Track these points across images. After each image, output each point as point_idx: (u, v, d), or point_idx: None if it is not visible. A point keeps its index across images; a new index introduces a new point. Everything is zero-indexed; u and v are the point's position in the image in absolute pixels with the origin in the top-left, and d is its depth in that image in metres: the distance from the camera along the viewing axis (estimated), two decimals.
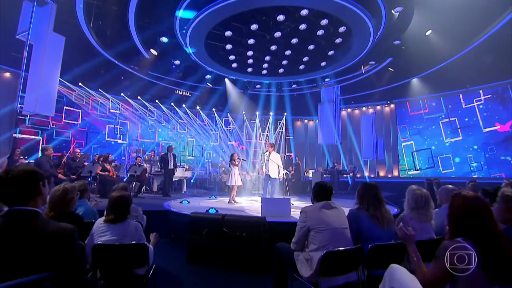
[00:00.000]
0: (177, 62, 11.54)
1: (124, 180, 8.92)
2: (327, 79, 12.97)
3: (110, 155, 8.32)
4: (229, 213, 5.55)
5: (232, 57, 10.95)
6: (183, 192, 10.66)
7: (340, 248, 2.39)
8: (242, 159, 7.72)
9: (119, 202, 2.53)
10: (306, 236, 2.58)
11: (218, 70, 12.32)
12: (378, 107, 15.13)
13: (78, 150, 7.40)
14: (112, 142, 13.43)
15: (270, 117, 17.03)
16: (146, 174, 9.31)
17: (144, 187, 9.94)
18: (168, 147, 9.29)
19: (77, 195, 3.32)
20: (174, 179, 10.50)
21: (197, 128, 15.87)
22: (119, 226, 2.48)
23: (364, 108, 15.70)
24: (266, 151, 7.83)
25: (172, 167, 9.15)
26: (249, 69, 12.02)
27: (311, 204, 2.81)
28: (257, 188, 11.78)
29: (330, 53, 10.39)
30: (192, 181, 13.79)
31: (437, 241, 2.73)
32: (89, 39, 9.20)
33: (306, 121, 18.13)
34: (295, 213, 5.38)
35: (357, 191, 2.89)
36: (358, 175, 13.42)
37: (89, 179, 8.43)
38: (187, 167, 10.65)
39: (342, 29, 8.86)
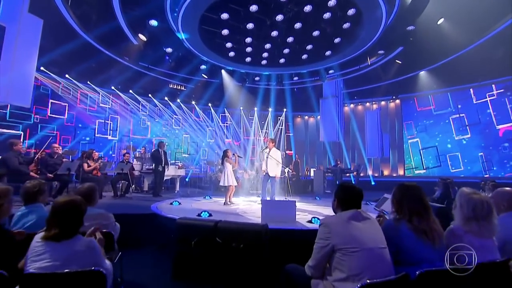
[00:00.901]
0: (169, 50, 10.71)
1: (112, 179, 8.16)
2: (331, 71, 12.24)
3: (94, 151, 7.56)
4: (224, 217, 4.85)
5: (229, 45, 10.14)
6: (175, 191, 9.97)
7: (379, 280, 1.68)
8: (239, 156, 7.00)
9: (66, 211, 1.80)
10: (328, 259, 1.86)
11: (213, 60, 11.52)
12: (383, 102, 14.49)
13: (57, 145, 6.63)
14: (102, 138, 12.62)
15: (269, 113, 16.35)
16: (134, 172, 8.54)
17: (133, 186, 9.21)
18: (159, 143, 8.58)
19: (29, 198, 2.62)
20: (166, 178, 9.82)
21: (192, 124, 15.12)
22: (64, 245, 1.74)
23: (368, 104, 15.07)
24: (266, 148, 7.13)
25: (163, 165, 8.41)
26: (248, 59, 11.25)
27: (333, 215, 2.08)
28: (255, 188, 11.09)
29: (336, 40, 9.65)
30: (186, 179, 13.12)
31: (503, 264, 2.02)
32: (69, 21, 8.35)
33: (306, 117, 17.53)
34: (301, 218, 4.68)
35: (393, 194, 2.18)
36: (362, 174, 12.77)
37: (74, 177, 7.73)
38: (180, 165, 9.91)
39: (351, 11, 8.08)
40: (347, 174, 12.55)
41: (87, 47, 9.61)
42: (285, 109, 16.50)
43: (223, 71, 12.55)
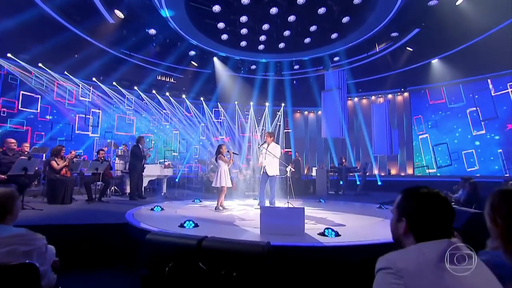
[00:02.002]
0: (152, 31, 9.67)
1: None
2: (336, 58, 11.36)
3: (63, 148, 6.58)
4: (213, 229, 3.98)
5: (221, 25, 9.15)
6: (162, 193, 9.04)
7: None
8: (234, 153, 6.10)
9: None
10: None
11: (204, 44, 10.51)
12: (390, 95, 13.72)
13: (13, 140, 5.65)
14: (82, 135, 11.61)
15: (266, 108, 15.48)
16: (116, 172, 7.60)
17: (111, 188, 8.29)
18: (139, 138, 7.70)
19: None
20: (151, 178, 8.94)
21: (182, 120, 14.18)
22: None
23: (373, 97, 14.32)
24: (264, 143, 6.25)
25: (143, 163, 7.52)
26: (243, 43, 10.30)
27: (404, 250, 1.13)
28: (251, 189, 10.24)
29: (345, 20, 8.71)
30: (176, 180, 12.27)
31: None
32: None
33: (306, 112, 16.83)
34: (309, 229, 3.79)
35: (491, 208, 1.27)
36: (368, 174, 11.95)
37: (42, 178, 6.80)
38: (167, 164, 8.97)
39: None
40: (351, 174, 11.77)
41: (53, 24, 8.54)
42: (283, 104, 15.65)
43: (215, 59, 11.59)
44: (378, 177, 12.66)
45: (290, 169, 5.95)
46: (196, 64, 11.59)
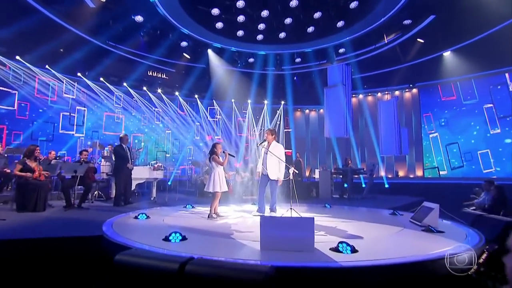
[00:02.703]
0: (139, 18, 9.07)
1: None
2: (341, 50, 10.82)
3: (36, 148, 6.00)
4: (203, 243, 3.44)
5: (215, 11, 8.59)
6: (152, 198, 8.46)
7: None
8: (230, 154, 5.55)
9: None
10: None
11: (197, 34, 9.92)
12: (397, 92, 13.25)
13: None
14: (65, 135, 11.02)
15: (265, 106, 14.97)
16: (102, 175, 7.03)
17: (95, 193, 7.70)
18: (122, 137, 7.15)
19: None
20: (139, 181, 8.42)
21: (175, 118, 13.64)
22: None
23: (379, 94, 13.88)
24: (264, 141, 5.71)
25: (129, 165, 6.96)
26: (240, 32, 9.74)
27: None
28: (249, 192, 9.72)
29: (353, 5, 8.18)
30: (169, 183, 11.73)
31: None
32: None
33: (307, 111, 16.46)
34: (318, 242, 3.24)
35: None
36: (374, 175, 11.45)
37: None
38: (156, 166, 8.40)
39: None
40: (356, 176, 11.27)
41: (39, 19, 7.98)
42: (283, 102, 15.15)
43: (209, 51, 11.02)
44: (385, 179, 12.21)
45: (293, 171, 5.40)
46: (188, 57, 11.02)
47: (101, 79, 11.77)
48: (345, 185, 10.28)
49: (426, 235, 3.87)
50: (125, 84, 12.45)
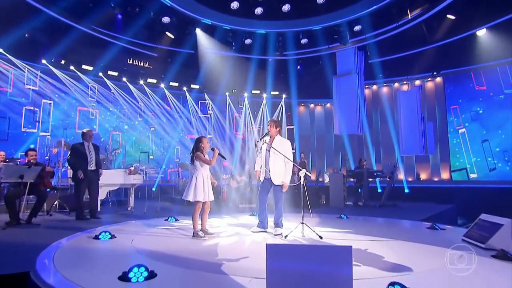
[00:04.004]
0: None
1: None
2: (357, 28, 9.85)
3: None
4: (178, 285, 2.47)
5: None
6: (128, 208, 7.51)
7: None
8: (221, 155, 4.57)
9: None
10: None
11: (182, 6, 8.85)
12: (418, 81, 12.34)
13: None
14: (23, 133, 9.97)
15: (264, 99, 14.06)
16: (52, 181, 6.02)
17: (55, 203, 6.71)
18: (85, 133, 6.22)
19: None
20: (112, 188, 7.46)
21: (160, 114, 12.66)
22: None
23: (396, 84, 12.98)
24: (266, 135, 4.76)
25: (94, 168, 5.99)
26: (234, 4, 8.72)
27: None
28: (247, 200, 8.84)
29: None
30: (153, 189, 10.81)
31: None
32: None
33: (312, 105, 15.62)
34: (356, 279, 2.27)
35: None
36: (388, 179, 10.56)
37: None
38: (132, 169, 7.39)
39: None
40: (371, 179, 10.38)
41: None
42: (284, 95, 14.25)
43: (198, 31, 10.00)
44: (405, 183, 11.38)
45: (305, 174, 4.44)
46: (172, 36, 9.98)
47: (72, 67, 10.76)
48: (359, 190, 9.45)
49: (506, 266, 2.92)
50: (101, 74, 11.45)
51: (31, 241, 4.04)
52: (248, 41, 10.40)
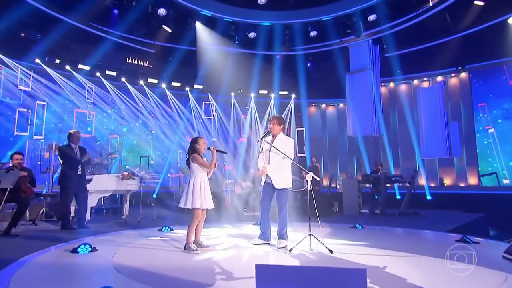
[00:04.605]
0: None
1: None
2: (371, 17, 9.43)
3: None
4: None
5: None
6: (123, 216, 7.22)
7: None
8: (219, 151, 4.23)
9: None
10: None
11: None
12: (439, 77, 11.83)
13: None
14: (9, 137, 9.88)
15: (272, 100, 13.70)
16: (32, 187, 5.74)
17: (41, 211, 6.47)
18: (72, 134, 5.97)
19: None
20: (103, 195, 7.10)
21: (160, 116, 12.45)
22: None
23: (415, 81, 12.48)
24: (268, 133, 4.40)
25: (80, 172, 5.81)
26: None
27: None
28: (252, 208, 8.78)
29: None
30: (154, 196, 10.63)
31: None
32: None
33: (323, 105, 15.23)
34: None
35: None
36: (408, 184, 10.04)
37: None
38: (125, 174, 7.09)
39: None
40: (389, 184, 9.90)
41: None
42: (293, 95, 13.89)
43: (198, 25, 9.74)
44: (427, 188, 10.83)
45: (312, 178, 4.04)
46: (169, 30, 9.75)
47: (67, 67, 10.66)
48: (376, 197, 9.06)
49: None
50: (98, 74, 11.32)
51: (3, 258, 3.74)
52: (252, 34, 10.11)
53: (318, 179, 4.20)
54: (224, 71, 11.20)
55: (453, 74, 11.72)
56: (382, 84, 12.36)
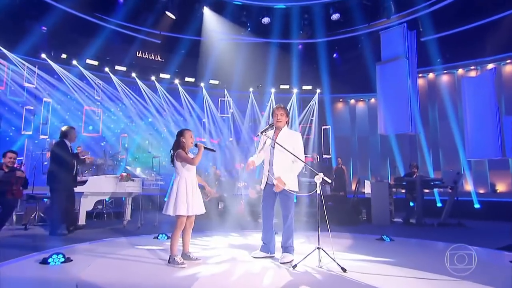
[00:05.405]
0: None
1: None
2: None
3: None
4: None
5: None
6: (123, 221, 7.08)
7: None
8: (207, 148, 3.85)
9: None
10: None
11: None
12: (490, 65, 10.96)
13: None
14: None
15: (294, 95, 13.23)
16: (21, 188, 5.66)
17: (33, 214, 6.43)
18: (65, 131, 5.82)
19: None
20: (102, 197, 7.10)
21: (169, 113, 12.38)
22: None
23: (460, 70, 11.61)
24: (270, 127, 3.97)
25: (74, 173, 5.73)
26: None
27: None
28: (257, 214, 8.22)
29: None
30: (165, 199, 10.49)
31: None
32: None
33: (352, 101, 14.61)
34: None
35: None
36: (450, 190, 9.23)
37: None
38: (124, 175, 6.89)
39: None
40: (427, 190, 9.20)
41: None
42: (318, 90, 13.32)
43: (206, 10, 9.46)
44: (474, 195, 10.03)
45: (322, 179, 3.54)
46: (173, 17, 9.54)
47: (75, 62, 10.80)
48: (411, 204, 8.51)
49: None
50: (107, 69, 11.41)
51: None
52: (265, 19, 9.66)
53: (329, 181, 3.67)
54: (237, 63, 10.87)
55: (508, 61, 10.68)
56: (420, 74, 11.71)
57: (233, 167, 11.36)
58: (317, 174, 3.62)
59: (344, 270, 3.26)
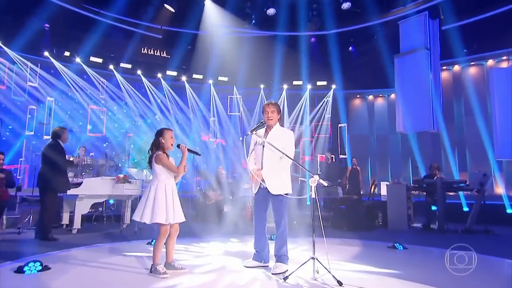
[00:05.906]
0: None
1: None
2: None
3: None
4: None
5: None
6: (122, 225, 7.08)
7: None
8: (190, 150, 3.71)
9: None
10: None
11: None
12: None
13: None
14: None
15: (307, 91, 13.06)
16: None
17: (28, 217, 6.51)
18: (56, 131, 5.83)
19: None
20: (98, 200, 6.98)
21: (175, 113, 12.41)
22: None
23: (490, 62, 11.14)
24: (261, 125, 3.79)
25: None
26: None
27: None
28: (273, 218, 7.85)
29: None
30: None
31: None
32: None
33: (370, 97, 14.31)
34: None
35: None
36: (477, 193, 8.87)
37: None
38: (121, 177, 6.87)
39: None
40: (451, 193, 8.82)
41: None
42: (333, 86, 13.07)
43: (207, 1, 9.41)
44: (506, 199, 9.57)
45: (317, 181, 3.34)
46: (172, 10, 9.53)
47: (78, 59, 10.96)
48: (433, 208, 8.25)
49: None
50: (111, 67, 11.53)
51: None
52: (271, 10, 9.55)
53: (325, 184, 3.46)
54: (242, 59, 10.81)
55: None
56: (443, 67, 11.37)
57: (240, 166, 11.34)
58: (312, 176, 3.42)
59: (340, 283, 3.04)
